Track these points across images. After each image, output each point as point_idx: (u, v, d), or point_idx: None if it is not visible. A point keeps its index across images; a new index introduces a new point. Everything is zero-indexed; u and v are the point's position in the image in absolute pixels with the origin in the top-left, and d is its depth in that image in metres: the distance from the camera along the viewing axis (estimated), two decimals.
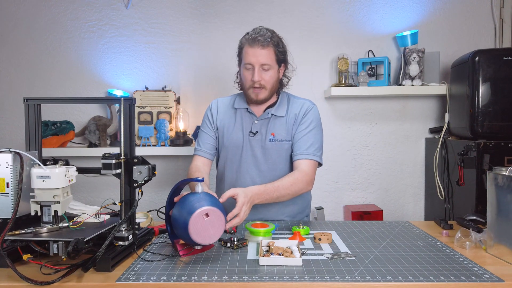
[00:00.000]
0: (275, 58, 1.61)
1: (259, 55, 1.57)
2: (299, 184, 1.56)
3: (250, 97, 1.65)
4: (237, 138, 1.69)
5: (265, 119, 1.68)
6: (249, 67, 1.61)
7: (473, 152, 1.96)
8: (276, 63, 1.62)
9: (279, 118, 1.67)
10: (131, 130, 1.17)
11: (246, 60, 1.60)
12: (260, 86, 1.61)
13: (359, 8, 2.57)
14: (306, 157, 1.61)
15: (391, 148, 2.62)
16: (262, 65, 1.58)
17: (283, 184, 1.52)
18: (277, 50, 1.61)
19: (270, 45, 1.58)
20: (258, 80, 1.59)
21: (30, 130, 1.20)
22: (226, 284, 0.98)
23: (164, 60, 2.59)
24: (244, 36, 1.64)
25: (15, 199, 1.07)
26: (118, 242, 1.13)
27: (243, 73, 1.64)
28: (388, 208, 2.62)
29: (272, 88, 1.64)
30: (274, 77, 1.63)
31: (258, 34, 1.58)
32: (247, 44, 1.59)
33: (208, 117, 1.76)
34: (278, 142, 1.66)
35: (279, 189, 1.50)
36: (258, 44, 1.56)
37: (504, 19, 2.53)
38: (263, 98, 1.64)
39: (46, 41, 2.58)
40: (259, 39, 1.57)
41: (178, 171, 2.63)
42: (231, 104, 1.75)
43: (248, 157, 1.67)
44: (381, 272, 1.04)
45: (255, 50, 1.57)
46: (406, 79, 2.40)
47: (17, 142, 2.59)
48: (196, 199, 1.15)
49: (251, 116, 1.70)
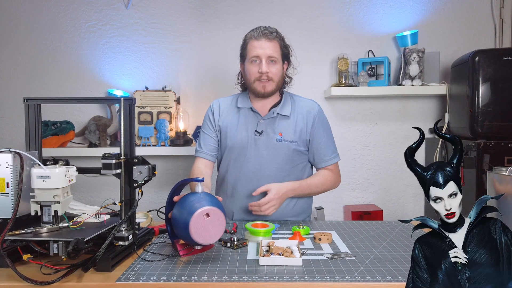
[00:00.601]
0: (280, 52, 1.64)
1: (266, 47, 1.60)
2: (328, 183, 1.71)
3: (257, 91, 1.64)
4: (242, 138, 1.67)
5: (271, 118, 1.67)
6: (255, 60, 1.62)
7: (473, 152, 1.96)
8: (281, 58, 1.65)
9: (285, 118, 1.68)
10: (131, 130, 1.17)
11: (253, 53, 1.61)
12: (268, 78, 1.62)
13: (359, 8, 2.57)
14: (333, 161, 1.73)
15: (391, 148, 2.62)
16: (270, 57, 1.61)
17: (315, 182, 1.67)
18: (282, 45, 1.65)
19: (276, 39, 1.63)
20: (266, 71, 1.60)
21: (30, 130, 1.20)
22: (226, 284, 0.98)
23: (164, 60, 2.59)
24: (248, 33, 1.66)
25: (15, 199, 1.07)
26: (118, 242, 1.13)
27: (248, 68, 1.64)
28: (388, 208, 2.62)
29: (278, 82, 1.66)
30: (280, 71, 1.66)
31: (264, 29, 1.63)
32: (253, 38, 1.62)
33: (209, 118, 1.74)
34: (286, 142, 1.65)
35: (311, 187, 1.66)
36: (265, 37, 1.61)
37: (504, 19, 2.53)
38: (270, 91, 1.64)
39: (46, 41, 2.58)
40: (265, 33, 1.61)
41: (178, 171, 2.63)
42: (234, 103, 1.74)
43: (253, 157, 1.66)
44: (381, 272, 1.04)
45: (262, 42, 1.60)
46: (406, 79, 2.40)
47: (17, 142, 2.59)
48: (196, 199, 1.15)
49: (256, 115, 1.69)
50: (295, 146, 1.66)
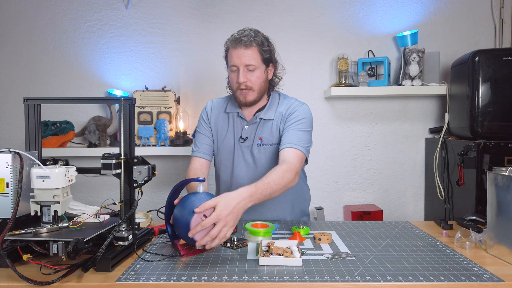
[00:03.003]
0: (260, 58, 1.57)
1: (243, 56, 1.54)
2: (288, 175, 1.41)
3: (239, 100, 1.62)
4: (229, 144, 1.69)
5: (254, 124, 1.66)
6: (234, 69, 1.58)
7: (473, 152, 1.96)
8: (262, 63, 1.59)
9: (268, 122, 1.65)
10: (131, 130, 1.17)
11: (231, 62, 1.58)
12: (247, 87, 1.58)
13: (359, 8, 2.57)
14: (293, 146, 1.52)
15: (391, 148, 2.62)
16: (247, 65, 1.55)
17: (273, 179, 1.36)
18: (261, 50, 1.57)
19: (254, 45, 1.55)
20: (244, 81, 1.56)
21: (30, 130, 1.20)
22: (226, 284, 0.98)
23: (164, 60, 2.59)
24: (228, 38, 1.61)
25: (15, 199, 1.07)
26: (118, 242, 1.13)
27: (230, 76, 1.63)
28: (388, 208, 2.62)
29: (260, 89, 1.61)
30: (261, 77, 1.59)
31: (241, 35, 1.56)
32: (231, 46, 1.57)
33: (203, 118, 1.75)
34: (266, 146, 1.64)
35: (270, 185, 1.34)
36: (241, 45, 1.54)
37: (504, 19, 2.53)
38: (251, 100, 1.61)
39: (46, 41, 2.58)
40: (242, 39, 1.54)
41: (178, 171, 2.63)
42: (224, 108, 1.73)
43: (240, 162, 1.67)
44: (381, 272, 1.04)
45: (239, 51, 1.54)
46: (406, 79, 2.40)
47: (17, 142, 2.59)
48: (197, 199, 1.15)
49: (242, 121, 1.68)
50: (274, 148, 1.64)
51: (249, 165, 1.66)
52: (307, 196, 1.83)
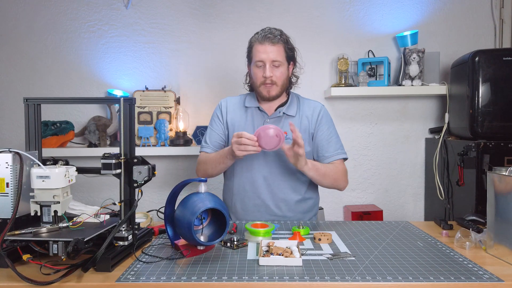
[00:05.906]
0: (285, 55, 1.65)
1: (270, 52, 1.61)
2: (339, 173, 1.66)
3: (262, 94, 1.68)
4: None
5: (277, 118, 1.70)
6: (260, 64, 1.64)
7: (473, 152, 1.96)
8: (286, 60, 1.67)
9: (291, 118, 1.70)
10: (131, 130, 1.17)
11: (257, 58, 1.63)
12: (272, 82, 1.64)
13: (359, 8, 2.57)
14: (337, 157, 1.69)
15: (391, 148, 2.62)
16: (273, 61, 1.62)
17: (330, 167, 1.64)
18: (286, 47, 1.66)
19: (280, 42, 1.64)
20: (270, 76, 1.62)
21: (30, 130, 1.20)
22: (226, 284, 0.98)
23: (164, 60, 2.59)
24: (253, 36, 1.67)
25: (15, 199, 1.07)
26: (118, 242, 1.13)
27: (254, 71, 1.67)
28: (388, 208, 2.62)
29: (283, 84, 1.68)
30: (284, 73, 1.67)
31: (268, 32, 1.63)
32: (257, 42, 1.63)
33: (217, 115, 1.77)
34: (291, 141, 1.65)
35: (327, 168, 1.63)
36: (268, 41, 1.61)
37: (504, 19, 2.53)
38: (274, 95, 1.67)
39: (46, 41, 2.58)
40: (269, 37, 1.62)
41: (178, 171, 2.63)
42: (242, 102, 1.77)
43: (259, 155, 1.66)
44: (381, 272, 1.04)
45: (266, 47, 1.61)
46: (406, 79, 2.40)
47: (17, 142, 2.59)
48: (199, 199, 1.15)
49: (263, 114, 1.72)
50: None
51: (269, 158, 1.68)
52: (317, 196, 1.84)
